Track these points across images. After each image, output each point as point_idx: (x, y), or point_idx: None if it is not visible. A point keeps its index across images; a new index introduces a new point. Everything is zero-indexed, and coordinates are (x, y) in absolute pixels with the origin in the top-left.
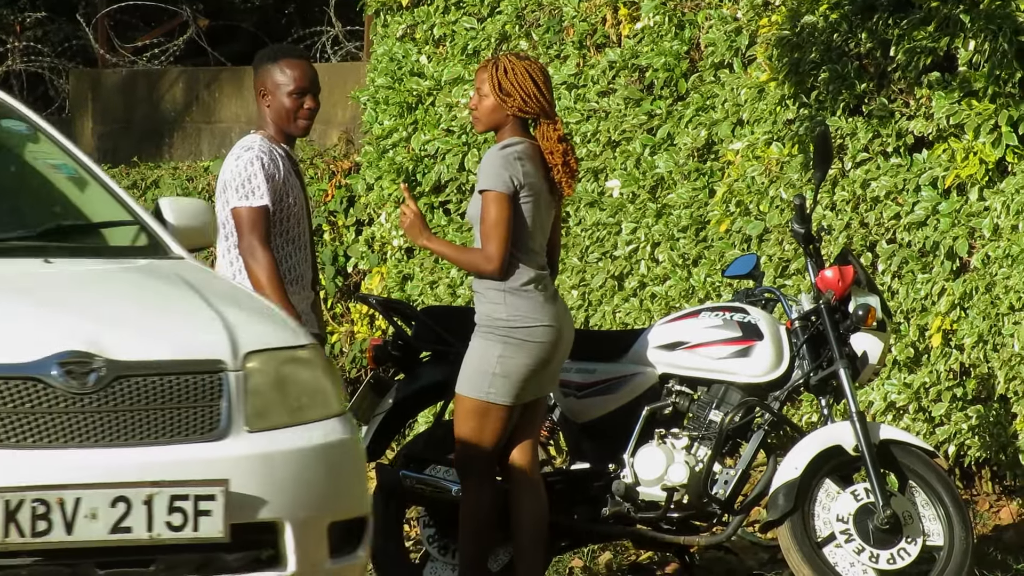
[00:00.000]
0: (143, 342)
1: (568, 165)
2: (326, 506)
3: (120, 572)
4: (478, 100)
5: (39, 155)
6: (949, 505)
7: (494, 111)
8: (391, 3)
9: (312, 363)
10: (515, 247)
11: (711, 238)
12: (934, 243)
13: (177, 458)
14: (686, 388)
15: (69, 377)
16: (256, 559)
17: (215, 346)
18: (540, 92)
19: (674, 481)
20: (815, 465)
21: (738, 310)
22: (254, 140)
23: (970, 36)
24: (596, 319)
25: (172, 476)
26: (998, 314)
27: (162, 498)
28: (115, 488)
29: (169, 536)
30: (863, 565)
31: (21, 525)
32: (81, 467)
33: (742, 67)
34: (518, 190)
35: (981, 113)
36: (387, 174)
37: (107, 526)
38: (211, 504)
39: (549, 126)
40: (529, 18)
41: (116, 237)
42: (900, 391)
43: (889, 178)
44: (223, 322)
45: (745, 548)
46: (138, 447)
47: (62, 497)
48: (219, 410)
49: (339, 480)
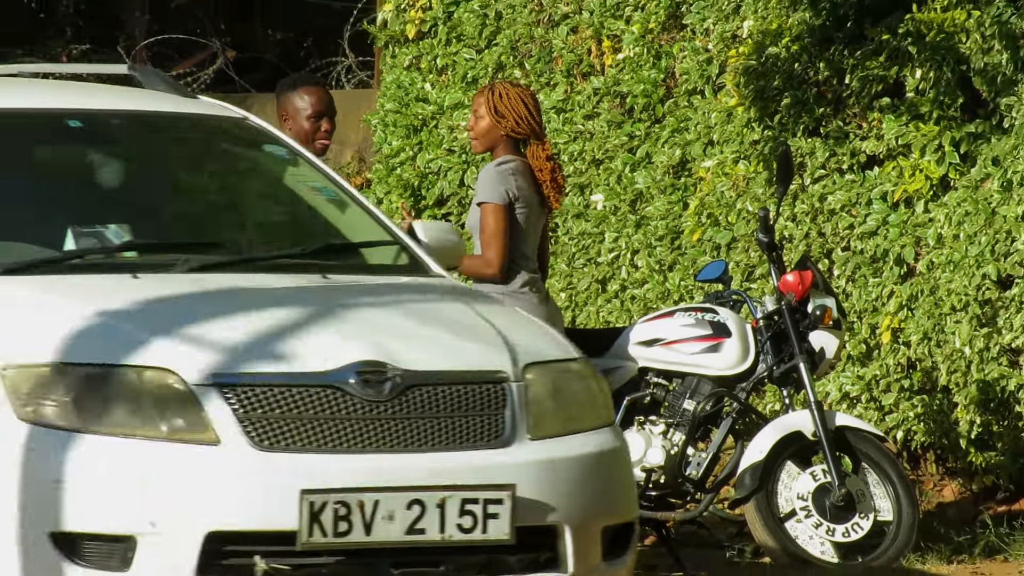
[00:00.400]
0: (431, 353)
1: (556, 181)
2: (600, 511)
3: (413, 572)
4: (475, 122)
5: (299, 178)
6: (897, 484)
7: (489, 131)
8: (398, 36)
9: (584, 375)
10: (511, 254)
11: (685, 246)
12: (884, 251)
13: (466, 464)
14: (662, 380)
15: (366, 386)
16: (535, 561)
17: (497, 358)
18: (531, 115)
19: (652, 463)
20: (778, 449)
21: (709, 310)
22: None
23: (917, 66)
24: (582, 318)
25: (462, 481)
26: (941, 314)
27: (454, 501)
28: (411, 491)
29: (460, 538)
30: (821, 538)
31: (324, 525)
32: (379, 471)
33: (713, 93)
34: (513, 202)
35: (927, 135)
36: (395, 189)
37: (403, 528)
38: (499, 508)
39: (538, 146)
40: (522, 49)
41: (376, 256)
42: (853, 383)
43: (844, 192)
44: (501, 335)
45: (716, 523)
46: (429, 453)
47: (362, 500)
48: (503, 419)
49: (612, 486)
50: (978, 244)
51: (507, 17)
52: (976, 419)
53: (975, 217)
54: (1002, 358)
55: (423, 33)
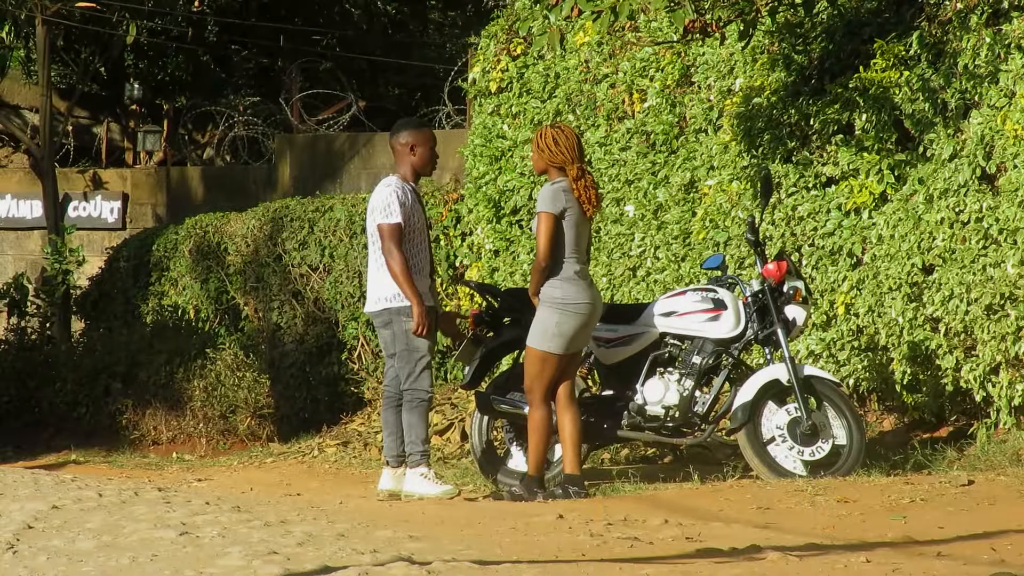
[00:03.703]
0: None
1: (588, 194)
2: None
3: None
4: (533, 154)
5: None
6: (850, 418)
7: (538, 161)
8: (484, 90)
9: None
10: (564, 251)
11: (693, 243)
12: (839, 246)
13: None
14: (677, 342)
15: None
16: None
17: None
18: (558, 147)
19: (669, 402)
20: (762, 392)
21: (711, 290)
22: (392, 179)
23: (863, 111)
24: (618, 296)
25: None
26: (881, 293)
27: None
28: None
29: None
30: (793, 457)
31: None
32: None
33: (714, 132)
34: (564, 212)
35: (870, 161)
36: (481, 202)
37: None
38: None
39: (571, 168)
40: (574, 100)
41: None
42: (818, 343)
43: (810, 204)
44: None
45: (716, 446)
46: None
47: None
48: None
49: None
50: (908, 241)
51: (563, 76)
52: (907, 370)
53: (906, 222)
54: (926, 325)
55: (502, 88)
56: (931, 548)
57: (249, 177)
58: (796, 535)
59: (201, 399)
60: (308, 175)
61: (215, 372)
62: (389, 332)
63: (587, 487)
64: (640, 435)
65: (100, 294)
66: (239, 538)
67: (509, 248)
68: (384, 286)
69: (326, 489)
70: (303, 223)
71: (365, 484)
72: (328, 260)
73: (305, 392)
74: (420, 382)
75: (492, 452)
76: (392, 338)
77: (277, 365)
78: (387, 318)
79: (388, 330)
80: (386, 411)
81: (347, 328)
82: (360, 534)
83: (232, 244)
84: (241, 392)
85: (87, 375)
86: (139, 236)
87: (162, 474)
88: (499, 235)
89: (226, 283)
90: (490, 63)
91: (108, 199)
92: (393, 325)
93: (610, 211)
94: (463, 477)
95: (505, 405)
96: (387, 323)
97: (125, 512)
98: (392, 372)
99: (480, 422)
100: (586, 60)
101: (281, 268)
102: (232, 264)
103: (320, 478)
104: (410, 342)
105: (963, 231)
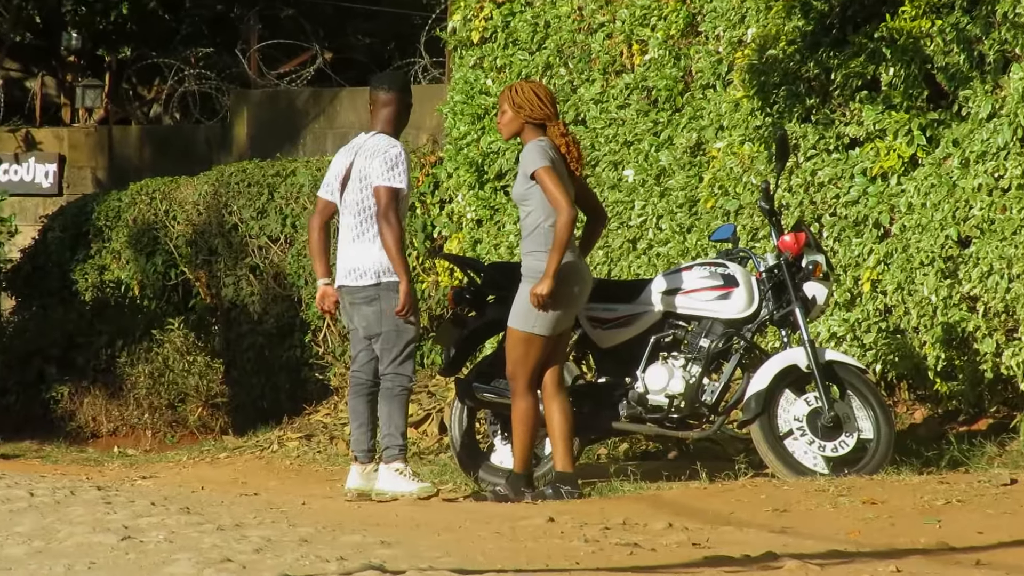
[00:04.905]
0: None
1: (571, 151)
2: None
3: None
4: (502, 116)
5: None
6: (877, 409)
7: (512, 121)
8: (465, 41)
9: None
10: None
11: (700, 212)
12: (864, 216)
13: None
14: (682, 323)
15: None
16: None
17: None
18: (542, 102)
19: (674, 391)
20: (778, 379)
21: (720, 265)
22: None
23: (890, 64)
24: (616, 271)
25: None
26: (911, 268)
27: None
28: None
29: None
30: (813, 453)
31: None
32: None
33: (723, 87)
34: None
35: (899, 121)
36: (462, 166)
37: None
38: None
39: (554, 126)
40: (566, 52)
41: None
42: (840, 325)
43: (831, 168)
44: None
45: (726, 440)
46: None
47: None
48: None
49: None
50: (941, 211)
51: (554, 25)
52: (941, 354)
53: (939, 189)
54: (962, 304)
55: (485, 38)
56: (969, 556)
57: (201, 137)
58: (817, 541)
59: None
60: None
61: (162, 356)
62: (374, 310)
63: (581, 486)
64: (641, 427)
65: (33, 268)
66: (188, 543)
67: (493, 217)
68: (373, 257)
69: (287, 488)
70: (262, 189)
71: (331, 482)
72: (290, 230)
73: (264, 379)
74: (404, 367)
75: (474, 447)
76: (378, 317)
77: (232, 348)
78: (374, 294)
79: (373, 307)
80: (355, 400)
81: (311, 307)
82: (325, 539)
83: (182, 212)
84: (191, 379)
85: (18, 359)
86: (77, 203)
87: (102, 471)
88: (482, 203)
89: (175, 256)
90: (472, 10)
91: (42, 162)
92: (381, 302)
93: (607, 176)
94: (441, 475)
95: (489, 394)
96: (372, 299)
97: (60, 514)
98: (364, 356)
99: (461, 413)
100: (580, 7)
101: (237, 239)
102: (182, 235)
103: (280, 476)
104: (399, 322)
105: (1003, 199)
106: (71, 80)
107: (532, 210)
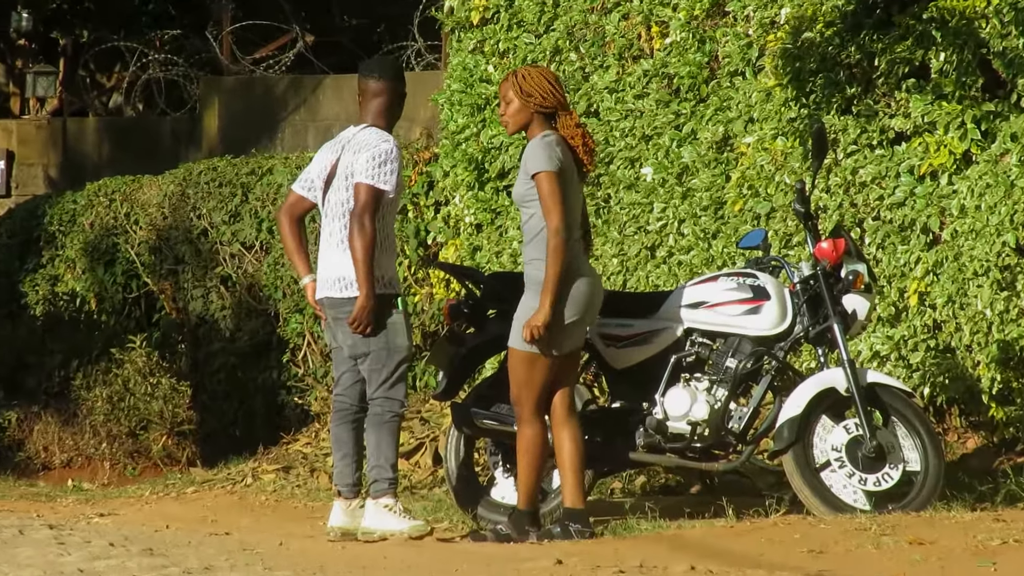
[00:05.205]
0: None
1: (587, 145)
2: None
3: None
4: (505, 107)
5: None
6: (924, 437)
7: (520, 111)
8: (464, 22)
9: None
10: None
11: (727, 216)
12: (911, 220)
13: None
14: (707, 340)
15: None
16: None
17: None
18: (554, 89)
19: (697, 417)
20: (813, 404)
21: (750, 275)
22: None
23: (940, 49)
24: (632, 283)
25: None
26: (964, 279)
27: None
28: None
29: None
30: (853, 487)
31: None
32: None
33: (753, 75)
34: (561, 169)
35: (950, 112)
36: (460, 163)
37: None
38: None
39: (567, 116)
40: (577, 35)
41: None
42: (883, 342)
43: (874, 166)
44: None
45: (756, 472)
46: None
47: None
48: None
49: None
50: (998, 214)
51: (564, 4)
52: (997, 376)
53: (995, 189)
54: (1021, 319)
55: (486, 19)
56: None
57: (167, 131)
58: None
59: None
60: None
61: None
62: None
63: (593, 524)
64: (660, 458)
65: None
66: None
67: (494, 222)
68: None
69: (262, 527)
70: (234, 189)
71: (312, 520)
72: (266, 237)
73: (236, 404)
74: (395, 391)
75: (472, 480)
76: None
77: (201, 370)
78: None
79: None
80: (338, 427)
81: (290, 323)
82: None
83: (144, 216)
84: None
85: None
86: (27, 205)
87: (54, 507)
88: (482, 205)
89: (136, 265)
90: None
91: None
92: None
93: (623, 174)
94: (436, 511)
95: (489, 420)
96: None
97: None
98: (349, 378)
99: (457, 442)
100: None
101: (206, 246)
102: (144, 241)
103: (255, 512)
104: (391, 340)
105: None
106: (21, 66)
107: (535, 213)
